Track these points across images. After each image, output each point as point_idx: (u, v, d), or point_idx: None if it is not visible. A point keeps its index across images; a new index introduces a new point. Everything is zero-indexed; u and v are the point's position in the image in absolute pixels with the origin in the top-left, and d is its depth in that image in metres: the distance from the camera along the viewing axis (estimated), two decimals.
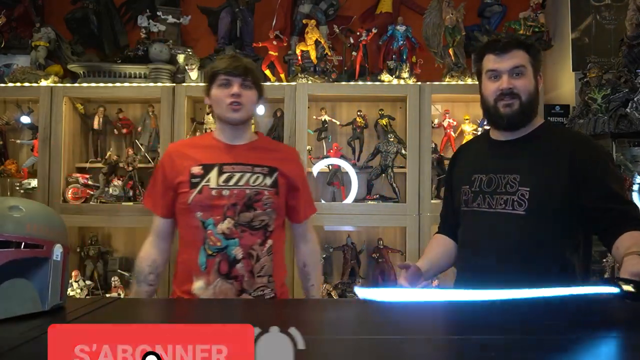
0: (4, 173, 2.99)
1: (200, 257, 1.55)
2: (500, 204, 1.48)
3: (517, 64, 1.48)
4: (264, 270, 1.58)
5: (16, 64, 3.11)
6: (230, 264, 1.53)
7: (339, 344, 0.88)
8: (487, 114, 1.56)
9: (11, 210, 1.01)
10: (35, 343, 0.84)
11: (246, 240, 1.54)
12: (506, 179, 1.49)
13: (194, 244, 1.56)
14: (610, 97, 2.67)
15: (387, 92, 2.87)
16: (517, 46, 1.50)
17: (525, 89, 1.48)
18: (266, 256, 1.58)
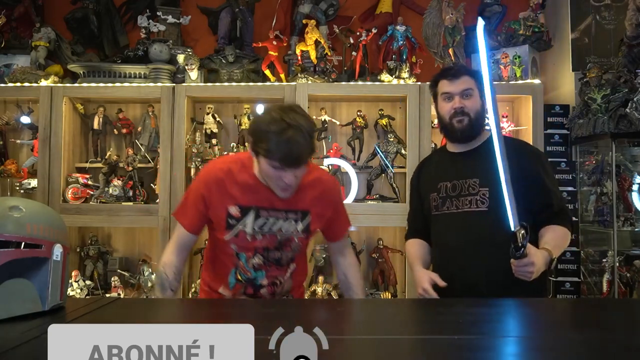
0: (4, 173, 2.99)
1: (231, 278, 1.65)
2: (466, 204, 1.73)
3: (466, 87, 1.76)
4: (284, 289, 1.71)
5: (16, 64, 3.11)
6: (255, 288, 1.65)
7: (360, 343, 0.88)
8: (444, 130, 1.84)
9: (11, 210, 1.01)
10: (35, 343, 0.84)
11: (273, 272, 1.65)
12: (467, 182, 1.74)
13: (226, 264, 1.65)
14: (610, 97, 2.67)
15: (387, 92, 2.87)
16: (465, 73, 1.79)
17: (473, 107, 1.76)
18: (289, 280, 1.70)
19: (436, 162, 1.93)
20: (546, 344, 0.87)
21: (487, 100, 1.45)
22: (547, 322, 1.08)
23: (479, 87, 1.79)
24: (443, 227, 1.78)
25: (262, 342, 0.74)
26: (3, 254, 0.98)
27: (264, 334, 0.75)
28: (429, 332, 1.03)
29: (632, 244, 2.85)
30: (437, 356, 0.85)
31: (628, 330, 1.04)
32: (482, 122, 1.82)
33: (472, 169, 1.76)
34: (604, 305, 1.57)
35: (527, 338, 0.91)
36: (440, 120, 1.85)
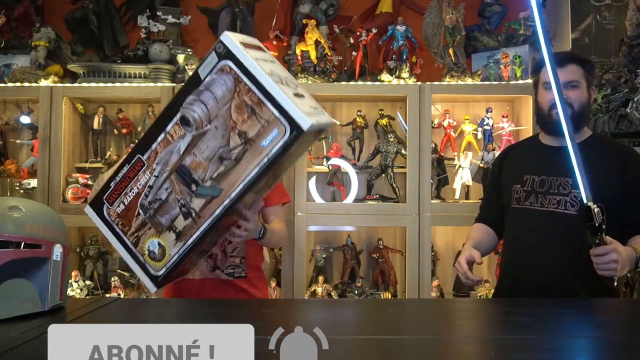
0: (4, 173, 2.99)
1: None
2: (553, 203, 1.61)
3: (571, 79, 1.63)
4: (236, 251, 1.74)
5: (16, 64, 3.11)
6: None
7: (361, 343, 0.88)
8: (541, 120, 1.72)
9: (11, 210, 1.01)
10: (35, 343, 0.84)
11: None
12: (559, 180, 1.62)
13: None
14: (610, 97, 2.67)
15: (387, 92, 2.87)
16: (572, 61, 1.65)
17: (577, 99, 1.63)
18: (224, 257, 1.73)
19: (525, 151, 1.80)
20: (543, 344, 0.87)
21: (550, 77, 1.35)
22: (544, 322, 1.08)
23: (587, 78, 1.66)
24: (522, 223, 1.67)
25: (262, 342, 0.74)
26: (3, 254, 0.98)
27: (264, 334, 0.75)
28: (439, 332, 1.03)
29: None
30: (436, 356, 0.85)
31: (628, 330, 1.04)
32: (585, 116, 1.69)
33: (566, 166, 1.55)
34: (603, 305, 1.57)
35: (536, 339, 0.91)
36: (539, 109, 1.73)
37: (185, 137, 1.32)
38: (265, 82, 1.22)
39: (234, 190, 1.30)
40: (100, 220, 1.42)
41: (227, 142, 1.30)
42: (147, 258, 1.39)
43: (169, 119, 1.33)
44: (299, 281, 2.74)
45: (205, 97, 1.29)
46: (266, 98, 1.23)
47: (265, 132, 1.24)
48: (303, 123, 1.21)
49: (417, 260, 2.70)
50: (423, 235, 2.71)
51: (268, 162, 1.25)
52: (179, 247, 1.38)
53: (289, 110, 1.21)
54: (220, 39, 1.25)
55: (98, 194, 1.44)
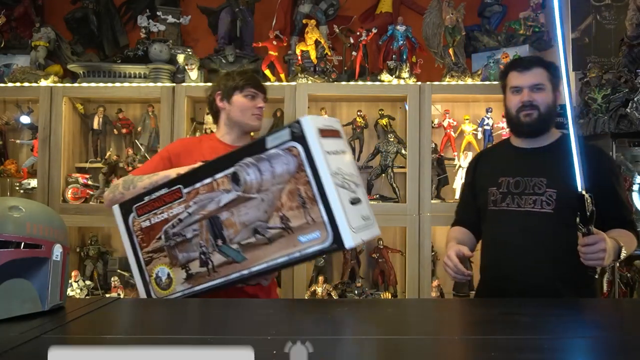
0: (4, 173, 2.98)
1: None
2: (529, 203, 1.64)
3: (537, 82, 1.68)
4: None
5: (16, 64, 3.11)
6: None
7: (360, 343, 0.88)
8: (510, 123, 1.77)
9: (11, 210, 1.01)
10: (35, 343, 0.84)
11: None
12: (533, 181, 1.66)
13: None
14: (610, 97, 2.67)
15: (387, 92, 2.87)
16: (538, 64, 1.71)
17: (543, 101, 1.69)
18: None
19: (498, 155, 1.86)
20: (545, 344, 0.87)
21: (562, 77, 1.41)
22: (544, 322, 1.08)
23: (552, 80, 1.71)
24: (501, 225, 1.70)
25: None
26: (3, 254, 0.98)
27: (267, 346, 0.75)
28: (437, 332, 1.03)
29: None
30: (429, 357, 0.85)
31: (628, 330, 1.04)
32: (552, 117, 1.74)
33: (539, 167, 1.68)
34: (604, 305, 1.57)
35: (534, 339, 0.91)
36: (507, 113, 1.78)
37: (229, 193, 1.31)
38: (326, 182, 1.19)
39: (257, 265, 1.29)
40: (124, 223, 1.45)
41: (267, 219, 1.27)
42: (153, 281, 1.42)
43: (222, 168, 1.32)
44: (299, 281, 2.74)
45: (264, 167, 1.26)
46: (321, 199, 1.20)
47: (307, 230, 1.22)
48: (347, 241, 1.18)
49: (417, 260, 2.70)
50: (423, 235, 2.71)
51: (299, 258, 1.24)
52: (186, 288, 1.39)
53: (338, 222, 1.18)
54: (300, 120, 1.22)
55: (129, 200, 1.46)
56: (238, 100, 1.84)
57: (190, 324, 1.15)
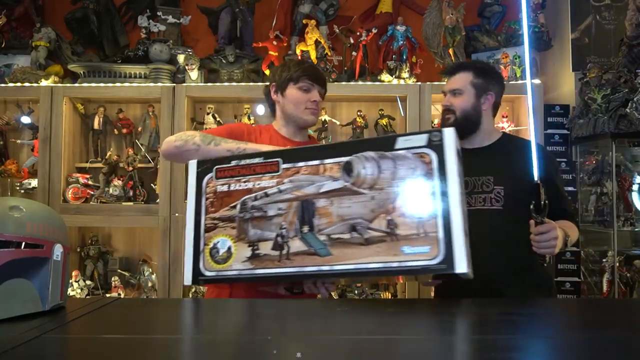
0: (4, 173, 2.99)
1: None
2: (479, 201, 1.69)
3: (455, 87, 1.77)
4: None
5: (16, 64, 3.11)
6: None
7: (359, 343, 0.88)
8: (442, 126, 1.81)
9: (11, 210, 1.01)
10: (35, 343, 0.84)
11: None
12: (481, 180, 1.70)
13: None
14: (610, 97, 2.67)
15: (387, 92, 2.87)
16: (461, 69, 1.79)
17: (460, 106, 1.76)
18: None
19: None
20: (542, 344, 0.87)
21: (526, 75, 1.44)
22: (544, 322, 1.08)
23: (477, 84, 1.76)
24: None
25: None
26: (3, 254, 0.98)
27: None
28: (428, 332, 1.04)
29: (632, 244, 2.85)
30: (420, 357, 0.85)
31: (628, 330, 1.04)
32: (472, 120, 1.77)
33: (485, 166, 1.72)
34: (603, 305, 1.57)
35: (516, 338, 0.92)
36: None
37: (335, 182, 1.20)
38: (454, 198, 1.11)
39: (342, 265, 1.17)
40: (196, 181, 1.32)
41: (371, 219, 1.17)
42: (207, 252, 1.27)
43: (335, 154, 1.22)
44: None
45: (386, 165, 1.17)
46: (442, 215, 1.11)
47: (416, 242, 1.12)
48: (459, 264, 1.09)
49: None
50: None
51: (395, 269, 1.13)
52: (245, 268, 1.24)
53: (456, 244, 1.09)
54: (443, 130, 1.15)
55: (212, 160, 1.33)
56: (292, 93, 1.73)
57: (190, 324, 1.15)
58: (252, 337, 0.94)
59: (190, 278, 1.28)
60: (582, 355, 0.85)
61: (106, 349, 0.85)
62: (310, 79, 1.73)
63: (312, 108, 1.74)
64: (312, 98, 1.73)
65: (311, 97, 1.73)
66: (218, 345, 0.89)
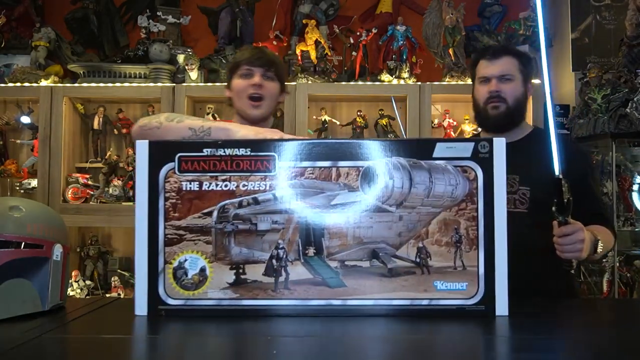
0: (4, 173, 2.99)
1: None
2: None
3: (505, 72, 1.58)
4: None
5: (16, 64, 3.11)
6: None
7: (359, 343, 0.88)
8: (478, 116, 1.67)
9: (11, 210, 1.01)
10: (35, 343, 0.84)
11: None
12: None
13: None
14: (610, 97, 2.67)
15: (387, 92, 2.87)
16: (507, 53, 1.61)
17: (512, 93, 1.58)
18: None
19: None
20: (544, 344, 0.87)
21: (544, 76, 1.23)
22: (544, 322, 1.08)
23: (523, 71, 1.60)
24: None
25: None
26: (3, 254, 0.98)
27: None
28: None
29: (632, 244, 2.85)
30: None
31: (629, 329, 1.04)
32: (521, 111, 1.62)
33: (511, 164, 1.49)
34: (604, 304, 1.57)
35: (521, 339, 0.91)
36: (475, 106, 1.68)
37: (352, 192, 0.97)
38: (500, 228, 0.96)
39: (357, 300, 0.96)
40: (148, 171, 0.98)
41: (398, 244, 0.96)
42: (170, 273, 0.97)
43: (353, 155, 0.97)
44: None
45: (420, 177, 0.96)
46: (485, 245, 0.95)
47: (450, 277, 0.96)
48: (501, 307, 0.96)
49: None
50: None
51: (424, 308, 0.96)
52: (226, 297, 0.97)
53: (499, 280, 0.96)
54: (493, 139, 0.97)
55: (172, 144, 1.02)
56: (234, 84, 1.57)
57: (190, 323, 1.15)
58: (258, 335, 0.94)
59: (144, 307, 0.98)
60: (582, 355, 0.85)
61: (106, 349, 0.85)
62: (247, 63, 1.54)
63: (254, 93, 1.52)
64: (251, 82, 1.53)
65: (251, 81, 1.53)
66: (218, 344, 0.89)
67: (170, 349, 0.88)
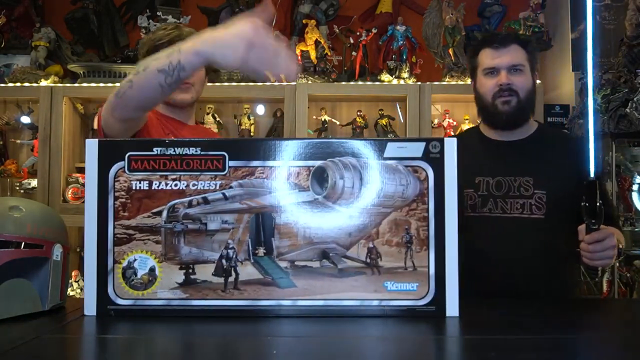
0: (4, 173, 2.99)
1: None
2: (517, 208, 1.41)
3: (516, 62, 1.45)
4: None
5: (16, 64, 3.11)
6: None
7: (358, 343, 0.88)
8: (484, 112, 1.53)
9: (11, 210, 1.01)
10: (35, 343, 0.84)
11: None
12: (518, 181, 1.43)
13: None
14: (610, 97, 2.67)
15: (387, 92, 2.87)
16: (515, 41, 1.48)
17: (523, 86, 1.45)
18: None
19: (469, 149, 1.51)
20: (543, 344, 0.87)
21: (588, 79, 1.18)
22: (543, 322, 1.07)
23: (531, 61, 1.48)
24: (483, 232, 1.44)
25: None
26: (3, 254, 0.98)
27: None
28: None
29: (632, 244, 2.85)
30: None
31: (630, 329, 1.04)
32: (532, 104, 1.50)
33: (524, 164, 1.44)
34: (605, 304, 1.57)
35: (521, 339, 0.91)
36: (480, 99, 1.53)
37: (303, 192, 0.96)
38: (450, 228, 0.95)
39: (307, 300, 0.96)
40: (97, 168, 0.98)
41: (348, 244, 0.96)
42: (119, 273, 0.97)
43: (304, 155, 0.96)
44: None
45: (369, 177, 0.96)
46: (436, 244, 0.95)
47: (401, 277, 0.95)
48: (451, 308, 0.96)
49: None
50: None
51: (374, 309, 0.96)
52: (176, 297, 0.97)
53: (449, 280, 0.95)
54: (443, 139, 0.96)
55: (123, 143, 1.00)
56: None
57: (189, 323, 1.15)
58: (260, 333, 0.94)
59: (93, 307, 0.98)
60: (582, 355, 0.85)
61: (106, 349, 0.85)
62: (169, 46, 1.34)
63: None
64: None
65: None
66: (218, 343, 0.88)
67: (120, 350, 0.88)
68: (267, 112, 3.06)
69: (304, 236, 0.96)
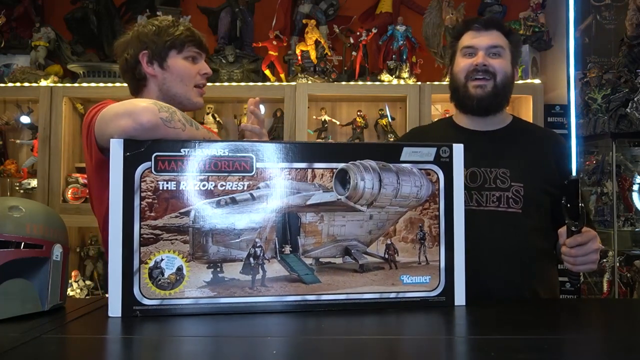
0: (4, 173, 2.98)
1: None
2: (493, 201, 1.35)
3: (495, 43, 1.39)
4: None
5: (16, 64, 3.11)
6: None
7: (358, 342, 0.88)
8: (456, 95, 1.44)
9: (11, 210, 1.01)
10: (35, 344, 0.84)
11: None
12: (494, 173, 1.36)
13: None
14: (610, 97, 2.68)
15: (387, 92, 2.87)
16: (498, 28, 1.43)
17: (501, 69, 1.38)
18: None
19: (441, 138, 1.43)
20: (543, 344, 0.87)
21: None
22: (545, 322, 1.08)
23: (513, 51, 1.43)
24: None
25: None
26: (3, 254, 0.98)
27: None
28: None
29: (633, 244, 2.85)
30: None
31: (629, 329, 1.04)
32: (508, 94, 1.42)
33: (500, 155, 1.38)
34: (604, 304, 1.57)
35: (523, 339, 0.91)
36: (454, 82, 1.44)
37: (326, 193, 1.01)
38: (458, 226, 1.04)
39: (331, 295, 1.01)
40: (123, 169, 0.96)
41: (368, 242, 1.02)
42: (146, 273, 0.96)
43: (327, 157, 1.01)
44: None
45: (389, 179, 1.02)
46: (446, 240, 1.03)
47: (415, 271, 1.03)
48: (459, 298, 1.05)
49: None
50: None
51: (392, 300, 1.03)
52: (204, 296, 0.97)
53: (457, 273, 1.03)
54: (453, 145, 1.05)
55: (150, 144, 0.97)
56: (176, 65, 1.33)
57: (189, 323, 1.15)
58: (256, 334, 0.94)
59: (119, 308, 0.98)
60: (582, 355, 0.85)
61: (106, 349, 0.85)
62: (197, 46, 1.35)
63: (202, 84, 1.38)
64: (202, 70, 1.36)
65: (202, 68, 1.36)
66: (218, 341, 0.88)
67: (150, 350, 0.88)
68: (267, 112, 3.06)
69: (327, 234, 1.01)
